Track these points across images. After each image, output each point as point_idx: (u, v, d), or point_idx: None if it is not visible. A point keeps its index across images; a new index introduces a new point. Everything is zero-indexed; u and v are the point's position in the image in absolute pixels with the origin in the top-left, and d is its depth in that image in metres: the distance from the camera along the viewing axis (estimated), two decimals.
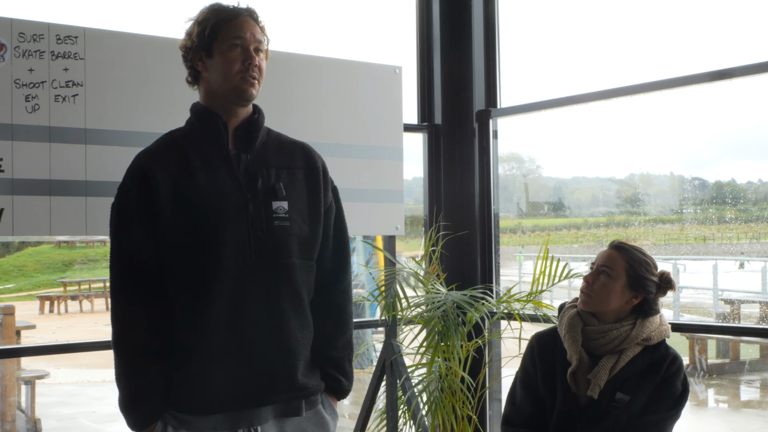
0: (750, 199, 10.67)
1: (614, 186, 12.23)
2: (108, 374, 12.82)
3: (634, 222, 11.58)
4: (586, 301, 3.28)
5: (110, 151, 3.60)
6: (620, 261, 3.27)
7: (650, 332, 3.25)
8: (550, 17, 5.76)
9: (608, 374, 3.22)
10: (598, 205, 12.35)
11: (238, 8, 2.91)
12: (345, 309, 3.07)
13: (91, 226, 3.57)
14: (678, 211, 11.15)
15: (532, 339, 3.45)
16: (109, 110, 3.60)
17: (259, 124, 2.94)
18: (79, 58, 3.55)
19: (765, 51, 4.34)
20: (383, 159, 4.24)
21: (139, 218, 2.76)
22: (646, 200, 11.17)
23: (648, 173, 11.15)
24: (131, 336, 2.76)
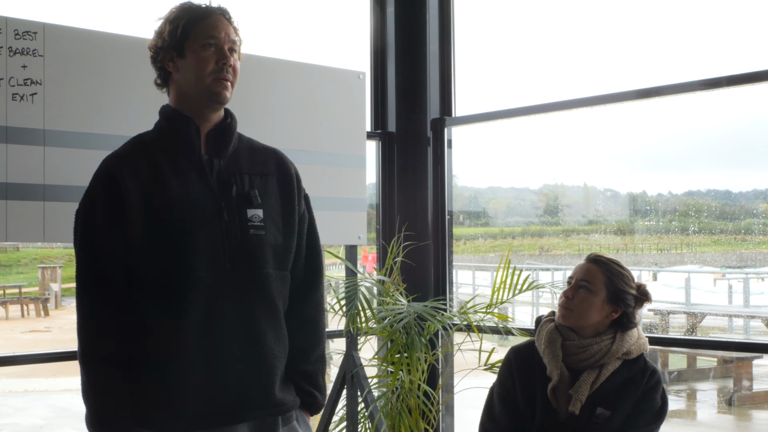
0: (660, 210, 10.84)
1: (529, 196, 12.32)
2: (30, 384, 12.37)
3: (549, 232, 11.69)
4: (566, 315, 3.22)
5: (70, 153, 3.41)
6: (599, 275, 3.22)
7: (630, 346, 3.21)
8: (502, 29, 5.73)
9: (589, 389, 3.17)
10: (513, 215, 12.42)
11: (211, 7, 2.76)
12: (318, 321, 2.94)
13: (49, 232, 3.38)
14: (592, 222, 11.29)
15: (509, 353, 3.38)
16: (69, 111, 3.42)
17: (232, 128, 2.80)
18: (38, 54, 3.36)
19: (685, 71, 4.46)
20: (346, 166, 4.12)
21: (107, 226, 2.60)
22: (564, 210, 11.27)
23: (562, 184, 11.24)
24: (99, 349, 2.59)
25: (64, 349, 3.78)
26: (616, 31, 5.87)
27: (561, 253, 12.46)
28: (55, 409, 11.00)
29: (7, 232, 3.30)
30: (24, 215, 3.33)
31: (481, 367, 4.20)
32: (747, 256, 10.34)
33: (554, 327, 3.26)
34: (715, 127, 7.01)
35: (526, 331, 4.26)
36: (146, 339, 2.61)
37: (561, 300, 3.24)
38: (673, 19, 5.64)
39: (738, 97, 4.28)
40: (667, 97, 4.22)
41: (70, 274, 22.96)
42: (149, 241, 2.59)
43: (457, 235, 12.59)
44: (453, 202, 4.83)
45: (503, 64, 5.66)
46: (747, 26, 5.40)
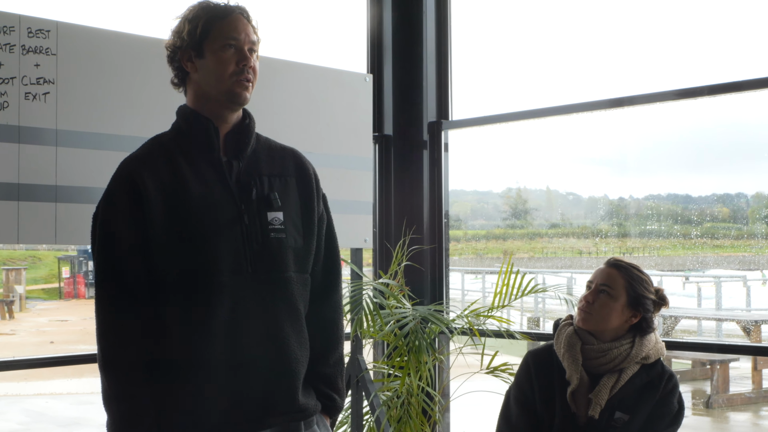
0: (622, 214, 10.91)
1: (492, 200, 12.33)
2: (1, 388, 12.11)
3: (512, 235, 11.71)
4: (586, 318, 3.21)
5: (83, 154, 3.33)
6: (620, 280, 3.22)
7: (648, 350, 3.22)
8: (501, 34, 5.73)
9: (608, 393, 3.17)
10: (477, 218, 12.43)
11: (231, 6, 2.70)
12: (337, 323, 2.90)
13: (60, 234, 3.29)
14: (555, 225, 11.33)
15: (527, 357, 3.36)
16: (82, 110, 3.33)
17: (251, 129, 2.74)
18: (51, 53, 3.28)
19: (655, 81, 4.53)
20: (352, 169, 4.08)
21: (128, 229, 2.53)
22: (525, 214, 11.30)
23: (525, 187, 11.28)
24: (121, 356, 2.52)
25: (68, 353, 3.70)
26: (596, 40, 5.90)
27: (524, 257, 12.50)
28: (30, 414, 10.83)
29: (18, 234, 3.21)
30: (36, 217, 3.24)
31: (483, 371, 4.19)
32: (709, 260, 10.45)
33: (573, 331, 3.26)
34: (674, 132, 7.08)
35: (528, 334, 4.26)
36: (169, 344, 2.55)
37: (581, 304, 3.24)
38: (647, 30, 5.69)
39: (697, 105, 4.32)
40: (639, 106, 4.32)
41: (34, 275, 22.62)
42: (170, 246, 2.54)
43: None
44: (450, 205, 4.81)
45: (490, 69, 5.65)
46: (718, 37, 5.49)
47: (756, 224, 9.01)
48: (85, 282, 22.40)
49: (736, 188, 9.25)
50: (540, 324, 10.89)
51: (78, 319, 19.01)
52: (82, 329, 17.28)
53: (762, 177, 8.44)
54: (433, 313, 4.05)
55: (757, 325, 8.87)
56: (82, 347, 14.06)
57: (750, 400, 9.28)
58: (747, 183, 8.76)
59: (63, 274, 22.52)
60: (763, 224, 8.83)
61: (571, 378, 3.18)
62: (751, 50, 5.27)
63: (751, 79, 3.98)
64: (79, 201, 3.31)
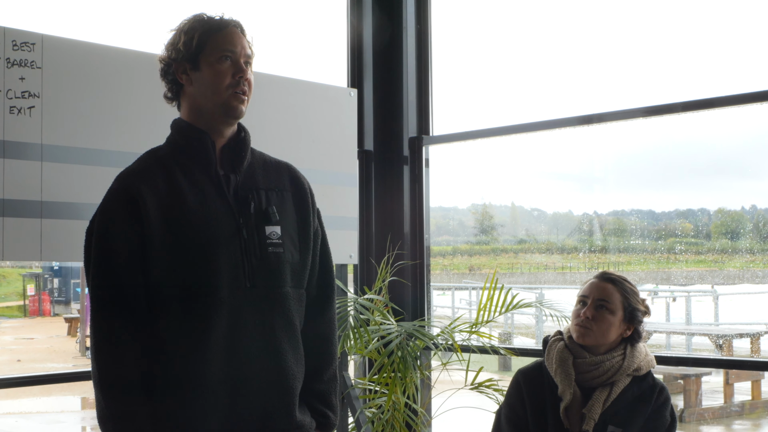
0: (586, 230, 10.93)
1: (457, 215, 12.31)
2: None
3: (478, 250, 11.69)
4: (585, 334, 3.16)
5: (69, 169, 3.25)
6: (616, 294, 3.19)
7: (639, 362, 3.19)
8: (477, 48, 5.71)
9: (601, 407, 3.14)
10: (441, 234, 12.40)
11: (226, 19, 2.65)
12: (331, 339, 2.84)
13: (46, 251, 3.21)
14: (522, 241, 11.33)
15: (517, 375, 3.31)
16: (68, 125, 3.26)
17: (247, 143, 2.69)
18: (36, 66, 3.20)
19: (623, 98, 4.55)
20: (337, 185, 4.02)
21: (125, 245, 2.47)
22: (491, 230, 11.29)
23: (490, 203, 11.27)
24: (117, 373, 2.45)
25: (36, 372, 3.60)
26: (569, 57, 5.91)
27: (490, 272, 12.44)
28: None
29: (3, 251, 3.12)
30: (20, 233, 3.16)
31: (468, 387, 4.14)
32: (676, 274, 10.50)
33: (564, 346, 3.22)
34: (637, 148, 7.13)
35: (511, 350, 4.22)
36: (167, 361, 2.49)
37: (579, 320, 3.18)
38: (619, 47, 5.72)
39: (662, 122, 4.35)
40: (607, 123, 4.34)
41: (4, 292, 22.25)
42: (169, 261, 2.48)
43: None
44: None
45: (467, 85, 5.63)
46: (685, 55, 5.53)
47: (719, 239, 9.06)
48: (50, 299, 22.13)
49: (699, 204, 9.31)
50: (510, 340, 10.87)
51: (44, 337, 18.74)
52: (48, 347, 17.03)
53: (723, 193, 8.49)
54: (418, 328, 3.99)
55: (728, 340, 8.89)
56: (50, 365, 13.87)
57: (722, 414, 9.32)
58: (709, 199, 8.82)
59: (28, 291, 22.19)
60: (726, 239, 8.88)
61: (564, 394, 3.14)
62: (718, 68, 5.32)
63: (720, 96, 3.99)
64: (66, 217, 3.23)
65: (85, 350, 14.50)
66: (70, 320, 19.04)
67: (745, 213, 8.48)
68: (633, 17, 5.39)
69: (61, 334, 18.78)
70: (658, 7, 5.30)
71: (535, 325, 10.61)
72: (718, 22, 5.19)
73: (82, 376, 3.78)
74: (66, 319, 19.59)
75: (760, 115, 4.50)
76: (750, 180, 8.29)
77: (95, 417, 2.52)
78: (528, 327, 11.46)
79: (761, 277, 9.24)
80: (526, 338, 11.19)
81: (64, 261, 3.11)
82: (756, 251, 8.45)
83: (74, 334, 17.57)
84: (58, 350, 15.79)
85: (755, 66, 5.00)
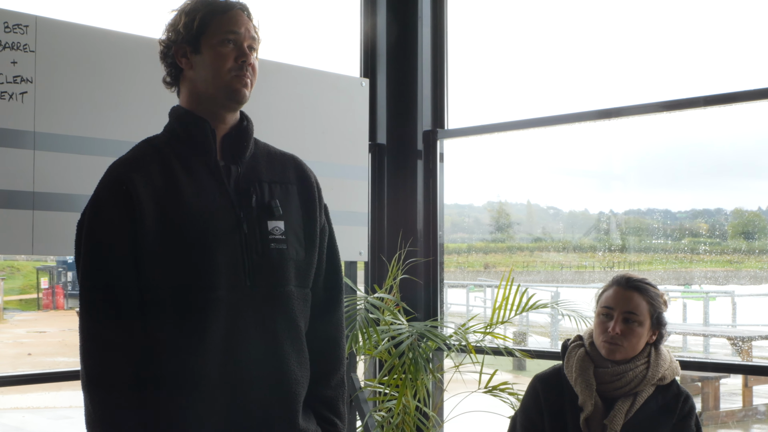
0: (603, 228, 10.76)
1: (473, 213, 12.13)
2: None
3: (493, 248, 11.51)
4: (616, 350, 2.94)
5: (63, 158, 3.06)
6: (643, 303, 2.97)
7: (664, 371, 3.00)
8: (496, 40, 5.51)
9: (624, 418, 2.92)
10: (456, 232, 12.21)
11: (231, 1, 2.48)
12: (339, 342, 2.64)
13: (38, 244, 3.02)
14: (537, 239, 11.16)
15: (535, 382, 3.10)
16: (62, 112, 3.06)
17: (249, 132, 2.50)
18: (29, 50, 3.00)
19: (643, 93, 4.47)
20: (347, 178, 3.81)
21: (117, 239, 2.28)
22: (507, 228, 11.12)
23: (506, 201, 11.10)
24: (107, 376, 2.27)
25: (46, 367, 3.40)
26: (587, 50, 5.72)
27: (506, 270, 12.28)
28: (8, 429, 10.48)
29: None
30: (11, 225, 2.97)
31: (482, 390, 3.92)
32: (693, 275, 10.28)
33: (585, 353, 3.01)
34: (654, 147, 6.95)
35: (527, 352, 4.00)
36: (161, 363, 2.31)
37: (607, 335, 2.95)
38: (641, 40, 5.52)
39: (679, 120, 4.21)
40: (625, 118, 4.10)
41: (12, 286, 22.15)
42: (163, 256, 2.30)
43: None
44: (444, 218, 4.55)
45: (483, 78, 5.42)
46: (710, 49, 5.35)
47: (735, 239, 8.87)
48: (64, 293, 21.99)
49: (716, 204, 9.14)
50: (525, 339, 10.69)
51: (56, 330, 18.62)
52: (60, 341, 16.92)
53: (741, 193, 8.31)
54: (430, 329, 3.78)
55: (748, 341, 8.67)
56: (60, 359, 13.73)
57: (741, 417, 9.08)
58: (726, 198, 8.65)
59: (42, 284, 22.06)
60: (742, 239, 8.69)
61: (585, 404, 2.93)
62: (743, 62, 5.12)
63: (744, 91, 3.77)
64: (59, 209, 3.04)
65: None
66: None
67: (762, 213, 8.30)
68: (653, 9, 5.20)
69: (74, 327, 18.63)
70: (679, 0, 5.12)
71: (551, 324, 10.40)
72: (740, 15, 5.00)
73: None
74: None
75: None
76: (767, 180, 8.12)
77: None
78: (543, 326, 11.27)
79: None
80: (541, 337, 10.98)
81: (58, 255, 2.92)
82: None
83: None
84: (70, 344, 15.63)
85: None
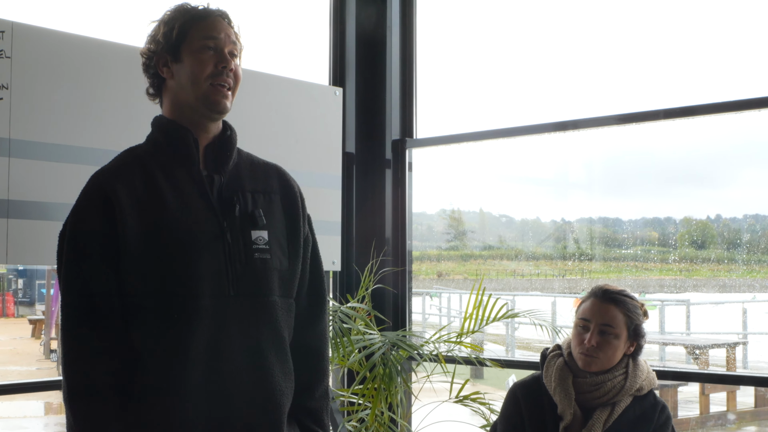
0: (558, 237, 10.81)
1: (425, 221, 12.12)
2: None
3: (446, 256, 11.52)
4: (592, 363, 2.96)
5: (38, 166, 3.00)
6: (620, 316, 2.98)
7: (641, 381, 3.01)
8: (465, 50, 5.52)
9: (602, 428, 2.93)
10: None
11: (210, 9, 2.46)
12: (323, 353, 2.62)
13: (12, 253, 2.95)
14: (490, 247, 11.19)
15: (515, 389, 3.10)
16: (38, 119, 3.00)
17: (233, 141, 2.48)
18: (5, 56, 2.94)
19: (597, 106, 4.42)
20: (320, 187, 3.78)
21: (100, 249, 2.25)
22: (463, 236, 11.14)
23: (458, 209, 11.12)
24: (89, 386, 2.23)
25: None
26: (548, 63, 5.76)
27: (459, 278, 12.32)
28: None
29: None
30: None
31: (452, 399, 3.91)
32: (648, 283, 10.38)
33: (564, 363, 3.02)
34: (607, 157, 7.04)
35: (497, 361, 4.00)
36: (143, 375, 2.27)
37: (583, 347, 2.96)
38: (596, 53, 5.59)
39: (631, 132, 4.25)
40: (582, 130, 4.17)
41: None
42: (146, 265, 2.26)
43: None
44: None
45: (448, 89, 5.43)
46: (664, 62, 5.43)
47: (684, 248, 8.96)
48: (14, 300, 21.62)
49: (665, 212, 9.24)
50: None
51: (7, 338, 18.25)
52: (11, 349, 16.57)
53: (690, 201, 8.43)
54: (402, 338, 3.76)
55: (704, 350, 8.76)
56: (12, 368, 13.44)
57: (698, 424, 9.17)
58: (675, 207, 8.76)
59: None
60: (692, 248, 8.78)
61: (564, 413, 2.95)
62: (697, 76, 5.20)
63: (701, 105, 3.84)
64: (34, 217, 2.98)
65: (50, 353, 14.11)
66: (35, 322, 18.58)
67: (711, 222, 8.40)
68: (609, 25, 5.26)
69: (25, 335, 18.31)
70: (634, 16, 5.18)
71: (506, 333, 10.43)
72: (693, 32, 5.10)
73: (45, 385, 3.53)
74: (30, 321, 19.12)
75: (726, 126, 4.42)
76: (716, 189, 8.22)
77: (58, 423, 2.28)
78: (496, 335, 11.30)
79: (727, 287, 9.17)
80: (495, 345, 11.01)
81: (32, 264, 2.85)
82: (722, 260, 8.38)
83: (38, 336, 17.13)
84: (22, 352, 15.37)
85: (732, 75, 4.92)
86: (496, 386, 8.77)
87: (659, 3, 5.07)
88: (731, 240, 8.12)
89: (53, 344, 13.66)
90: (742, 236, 8.15)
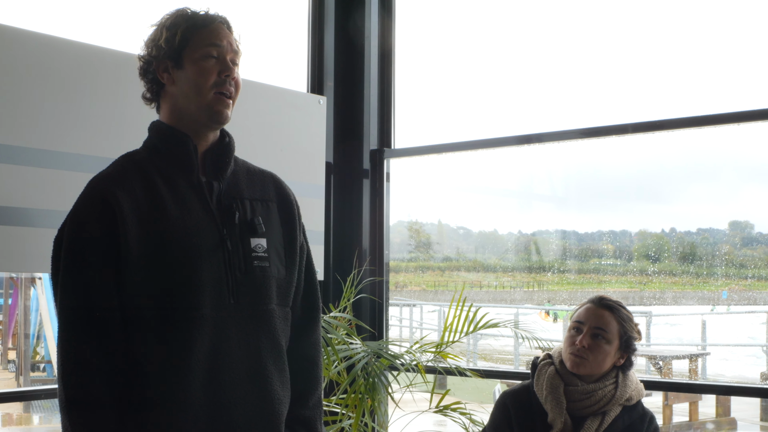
0: (511, 248, 10.79)
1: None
2: None
3: (403, 267, 11.43)
4: (580, 363, 2.90)
5: (17, 171, 2.85)
6: (613, 323, 2.93)
7: (631, 392, 2.96)
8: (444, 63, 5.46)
9: None
10: None
11: (212, 14, 2.37)
12: (317, 362, 2.55)
13: None
14: (448, 259, 11.13)
15: (505, 398, 3.01)
16: (16, 123, 2.86)
17: (231, 149, 2.41)
18: None
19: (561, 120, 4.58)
20: (304, 196, 3.63)
21: (99, 257, 2.17)
22: (427, 248, 11.06)
23: (417, 221, 11.04)
24: (88, 397, 2.15)
25: None
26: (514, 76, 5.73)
27: (416, 289, 12.26)
28: None
29: None
30: None
31: (432, 410, 3.81)
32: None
33: (555, 371, 2.94)
34: (563, 171, 7.05)
35: (477, 372, 3.90)
36: (143, 384, 2.20)
37: (574, 348, 2.90)
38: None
39: (588, 145, 4.21)
40: (545, 144, 4.18)
41: None
42: (147, 275, 2.19)
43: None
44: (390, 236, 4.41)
45: (425, 100, 5.37)
46: (629, 77, 5.43)
47: (640, 261, 8.98)
48: None
49: (621, 226, 9.26)
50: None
51: None
52: None
53: (646, 216, 8.47)
54: (386, 348, 3.65)
55: (667, 361, 8.76)
56: None
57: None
58: (631, 221, 8.79)
59: None
60: (647, 261, 8.80)
61: (555, 422, 2.88)
62: (661, 91, 5.19)
63: (668, 119, 3.83)
64: (13, 224, 2.84)
65: (7, 363, 13.77)
66: None
67: (666, 235, 8.43)
68: (572, 42, 5.25)
69: None
70: (598, 31, 5.17)
71: (471, 344, 10.34)
72: (658, 48, 5.10)
73: (2, 397, 3.39)
74: None
75: (679, 143, 4.42)
76: (668, 204, 8.25)
77: None
78: (459, 343, 11.21)
79: (682, 298, 9.19)
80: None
81: (13, 271, 2.69)
82: (676, 273, 8.40)
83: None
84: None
85: (692, 90, 4.95)
86: (459, 396, 8.69)
87: (617, 22, 5.07)
88: (685, 253, 8.15)
89: (11, 354, 13.32)
90: (695, 249, 8.19)
